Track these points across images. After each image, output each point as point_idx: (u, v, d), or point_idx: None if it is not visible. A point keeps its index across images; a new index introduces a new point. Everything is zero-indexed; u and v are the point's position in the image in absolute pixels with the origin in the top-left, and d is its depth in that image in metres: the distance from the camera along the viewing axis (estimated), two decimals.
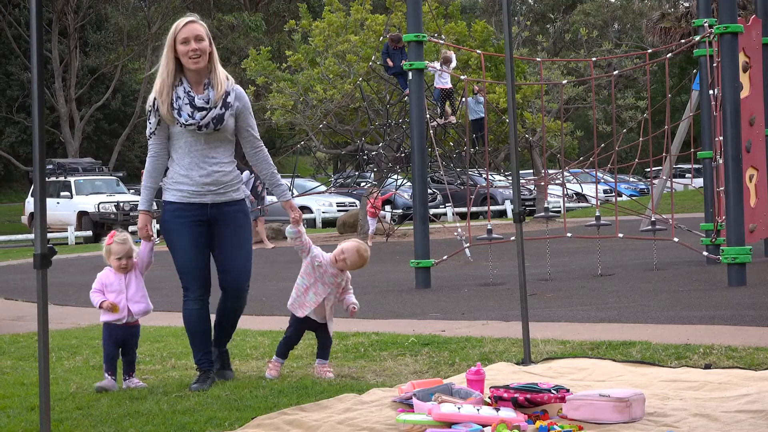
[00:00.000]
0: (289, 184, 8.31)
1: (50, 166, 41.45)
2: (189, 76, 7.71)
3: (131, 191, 42.60)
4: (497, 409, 6.41)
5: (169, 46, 7.62)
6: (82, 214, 39.94)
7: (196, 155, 7.67)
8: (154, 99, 7.62)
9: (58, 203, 39.84)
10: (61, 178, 41.17)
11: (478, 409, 6.38)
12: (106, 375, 7.91)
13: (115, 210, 39.84)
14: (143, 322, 8.03)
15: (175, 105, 7.59)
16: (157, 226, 7.77)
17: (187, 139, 7.66)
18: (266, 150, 8.13)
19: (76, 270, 23.76)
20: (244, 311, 8.39)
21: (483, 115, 26.40)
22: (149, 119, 7.66)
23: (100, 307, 7.82)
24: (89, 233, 39.32)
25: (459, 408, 6.39)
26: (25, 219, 41.92)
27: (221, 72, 7.79)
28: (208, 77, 7.74)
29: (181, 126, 7.58)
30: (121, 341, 7.99)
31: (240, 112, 7.85)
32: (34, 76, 5.74)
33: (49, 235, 31.55)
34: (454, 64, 25.98)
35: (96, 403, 7.59)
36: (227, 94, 7.73)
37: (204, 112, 7.60)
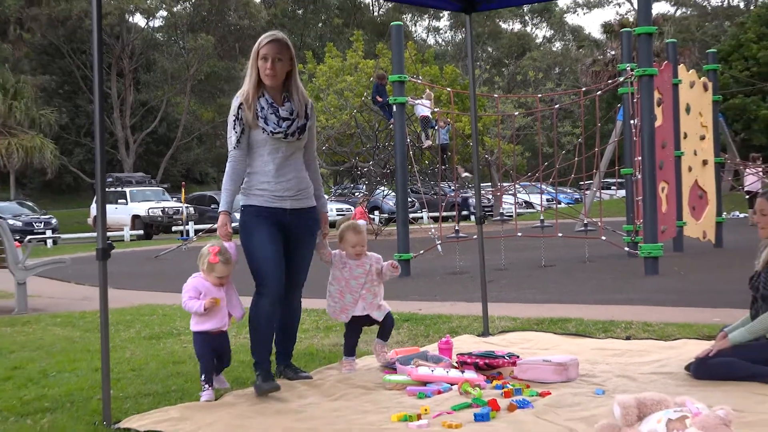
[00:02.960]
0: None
1: (109, 179, 41.51)
2: (268, 89, 6.45)
3: (174, 199, 42.56)
4: (462, 372, 6.42)
5: (252, 59, 6.40)
6: (135, 217, 39.95)
7: (278, 162, 6.39)
8: (240, 107, 6.38)
9: (116, 208, 39.77)
10: (118, 189, 41.12)
11: (447, 372, 6.39)
12: (205, 386, 6.18)
13: (161, 214, 39.92)
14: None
15: (260, 114, 6.36)
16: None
17: (271, 147, 6.39)
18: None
19: (131, 261, 23.71)
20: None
21: (447, 142, 26.53)
22: (234, 128, 6.36)
23: (204, 309, 6.09)
24: (141, 232, 39.38)
25: (432, 370, 6.39)
26: (90, 221, 41.85)
27: (301, 86, 6.62)
28: (287, 91, 6.51)
29: (267, 134, 6.35)
30: (218, 350, 6.30)
31: (312, 124, 6.68)
32: (96, 108, 5.71)
33: (109, 234, 31.51)
34: (431, 100, 26.01)
35: (146, 366, 7.58)
36: (306, 106, 6.58)
37: (289, 122, 6.41)
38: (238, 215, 6.61)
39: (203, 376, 6.20)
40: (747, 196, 28.06)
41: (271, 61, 6.29)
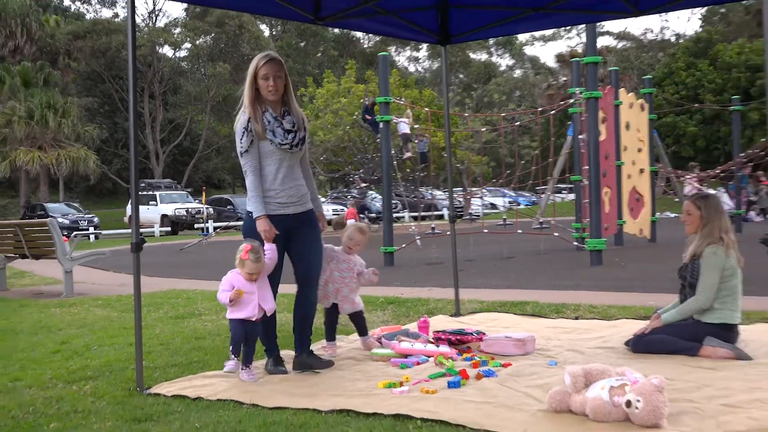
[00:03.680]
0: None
1: (142, 185, 41.44)
2: (269, 104, 5.98)
3: (196, 201, 42.53)
4: (438, 346, 6.42)
5: (250, 78, 5.93)
6: (164, 216, 39.88)
7: (283, 171, 5.94)
8: (249, 121, 5.87)
9: (148, 209, 39.74)
10: (150, 193, 41.05)
11: (425, 346, 6.39)
12: (232, 356, 5.99)
13: (186, 213, 39.86)
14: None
15: (267, 127, 5.89)
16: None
17: (278, 157, 5.92)
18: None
19: (160, 253, 23.65)
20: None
21: (425, 151, 26.51)
22: (242, 138, 5.88)
23: (230, 301, 5.76)
24: (168, 229, 39.33)
25: (412, 345, 6.39)
26: (126, 219, 41.75)
27: (295, 100, 6.17)
28: (285, 105, 6.05)
29: (275, 146, 5.90)
30: (250, 334, 5.86)
31: (307, 136, 6.22)
32: (131, 124, 5.71)
33: (141, 230, 31.46)
34: (410, 118, 26.04)
35: (172, 341, 7.57)
36: (303, 119, 6.13)
37: (293, 134, 5.97)
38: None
39: (231, 348, 6.00)
40: (677, 200, 28.06)
41: (272, 78, 5.90)
